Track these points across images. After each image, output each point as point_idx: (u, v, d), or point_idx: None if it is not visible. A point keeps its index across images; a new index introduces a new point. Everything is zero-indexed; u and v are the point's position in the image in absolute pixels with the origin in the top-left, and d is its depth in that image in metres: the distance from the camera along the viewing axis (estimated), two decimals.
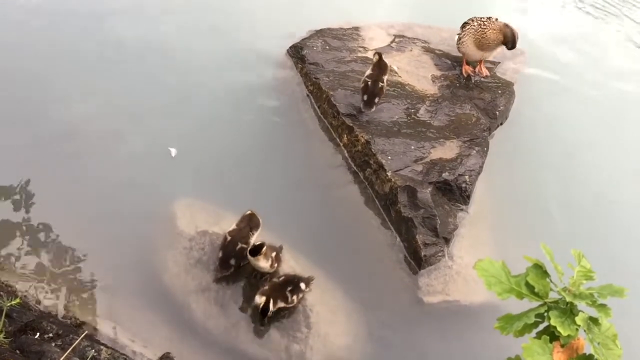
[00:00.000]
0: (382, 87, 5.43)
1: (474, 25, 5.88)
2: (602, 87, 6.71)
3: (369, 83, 5.42)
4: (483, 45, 5.89)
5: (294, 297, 4.27)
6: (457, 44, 6.12)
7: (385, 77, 5.46)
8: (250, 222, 4.54)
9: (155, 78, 5.96)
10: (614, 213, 5.41)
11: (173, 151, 5.18)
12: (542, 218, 5.28)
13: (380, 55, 5.48)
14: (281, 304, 4.23)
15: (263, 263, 4.32)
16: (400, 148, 5.32)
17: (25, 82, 5.68)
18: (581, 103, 6.47)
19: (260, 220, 4.59)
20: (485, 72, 6.23)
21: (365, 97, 5.46)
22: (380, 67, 5.45)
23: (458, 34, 6.09)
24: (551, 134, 6.05)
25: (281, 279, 4.27)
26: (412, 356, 4.40)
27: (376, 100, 5.46)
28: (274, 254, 4.38)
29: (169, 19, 6.59)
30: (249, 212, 4.59)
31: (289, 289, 4.24)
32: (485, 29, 5.81)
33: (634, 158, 6.01)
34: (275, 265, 4.43)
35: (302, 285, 4.32)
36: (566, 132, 6.09)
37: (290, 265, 4.62)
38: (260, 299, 4.16)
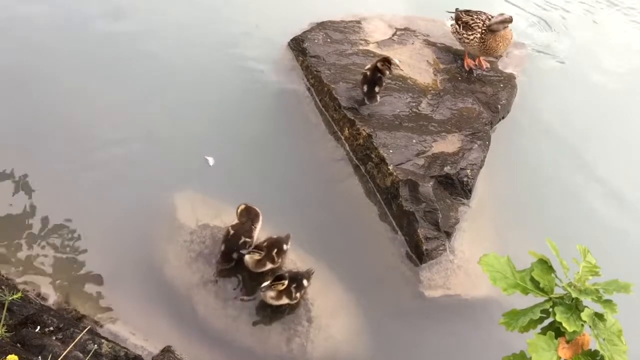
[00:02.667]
0: (380, 77, 5.42)
1: (479, 35, 5.82)
2: (606, 80, 6.68)
3: (368, 74, 5.44)
4: (490, 52, 5.94)
5: (297, 294, 4.26)
6: (459, 41, 6.06)
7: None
8: (249, 215, 4.53)
9: (154, 69, 5.91)
10: (618, 207, 5.39)
11: (210, 160, 5.13)
12: (543, 212, 5.27)
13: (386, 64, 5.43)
14: (286, 300, 4.23)
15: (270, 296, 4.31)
16: (402, 142, 5.30)
17: (30, 80, 5.64)
18: (584, 96, 6.44)
19: (258, 210, 4.57)
20: (485, 64, 6.20)
21: (365, 88, 5.47)
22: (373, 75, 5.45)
23: (460, 33, 6.00)
24: (553, 127, 6.02)
25: (285, 275, 4.25)
26: (413, 350, 4.41)
27: (377, 89, 5.44)
28: (275, 251, 4.36)
29: (167, 12, 6.53)
30: (242, 205, 4.56)
31: (294, 286, 4.23)
32: (495, 39, 5.79)
33: (638, 151, 5.99)
34: (279, 261, 4.42)
35: (305, 282, 4.31)
36: (569, 125, 6.06)
37: (291, 258, 4.61)
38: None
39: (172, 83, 5.83)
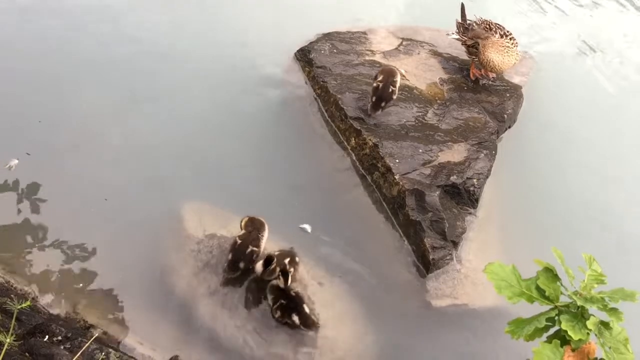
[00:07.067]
0: (392, 91, 5.43)
1: (503, 46, 5.81)
2: (615, 89, 6.67)
3: (380, 86, 5.43)
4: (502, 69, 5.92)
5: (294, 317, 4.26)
6: (473, 51, 6.01)
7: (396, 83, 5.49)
8: (254, 225, 4.55)
9: (159, 78, 5.96)
10: (625, 217, 5.38)
11: (308, 227, 4.96)
12: (550, 221, 5.26)
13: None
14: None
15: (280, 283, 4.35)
16: (408, 151, 5.31)
17: (41, 83, 5.73)
18: (590, 105, 6.44)
19: (263, 220, 4.58)
20: (491, 74, 6.21)
21: (373, 99, 5.48)
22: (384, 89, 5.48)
23: (469, 40, 5.98)
24: (559, 137, 6.03)
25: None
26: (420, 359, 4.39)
27: (383, 104, 5.46)
28: (287, 260, 4.38)
29: (174, 23, 6.59)
30: (246, 217, 4.58)
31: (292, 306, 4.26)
32: (510, 55, 5.82)
33: None
34: (292, 270, 4.42)
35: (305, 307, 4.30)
36: (575, 135, 6.07)
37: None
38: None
39: (175, 94, 5.87)
